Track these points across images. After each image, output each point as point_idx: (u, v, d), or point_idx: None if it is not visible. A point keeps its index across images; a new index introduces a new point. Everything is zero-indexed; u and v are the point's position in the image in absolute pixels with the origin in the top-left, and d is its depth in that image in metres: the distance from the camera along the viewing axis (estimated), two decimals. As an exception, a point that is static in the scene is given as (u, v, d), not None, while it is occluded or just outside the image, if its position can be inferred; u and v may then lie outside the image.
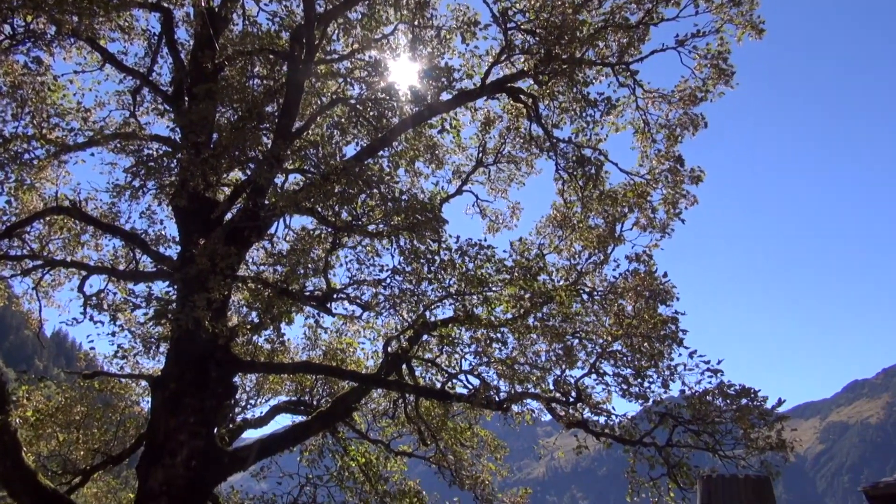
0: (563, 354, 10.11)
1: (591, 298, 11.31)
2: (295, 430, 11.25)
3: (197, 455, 9.54)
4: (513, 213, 13.89)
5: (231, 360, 10.36)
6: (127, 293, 11.20)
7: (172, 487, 9.23)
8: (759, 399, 9.13)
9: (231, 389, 10.54)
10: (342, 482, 13.57)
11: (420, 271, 9.68)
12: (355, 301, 10.15)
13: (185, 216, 10.61)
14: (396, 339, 11.33)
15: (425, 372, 12.69)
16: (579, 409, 10.58)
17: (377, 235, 9.65)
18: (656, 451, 9.91)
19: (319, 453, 13.86)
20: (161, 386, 9.98)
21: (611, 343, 10.05)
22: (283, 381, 14.46)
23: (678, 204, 11.21)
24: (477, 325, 10.47)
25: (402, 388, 11.30)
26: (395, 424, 14.27)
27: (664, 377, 9.77)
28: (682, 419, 9.57)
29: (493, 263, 9.93)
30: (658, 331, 9.68)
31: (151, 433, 9.86)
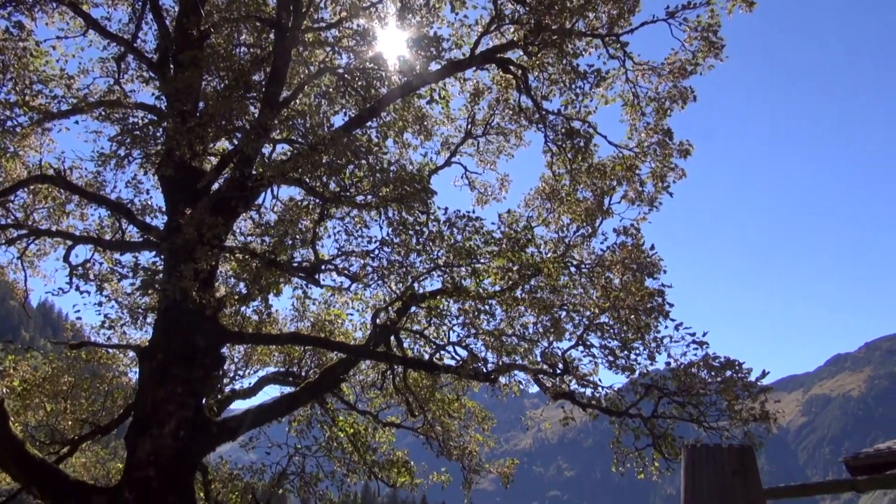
0: (550, 326, 10.17)
1: (578, 271, 11.35)
2: (283, 400, 11.29)
3: (185, 425, 9.56)
4: (501, 186, 13.86)
5: (219, 330, 10.35)
6: (113, 263, 11.13)
7: (161, 457, 9.27)
8: (743, 371, 9.24)
9: (219, 360, 10.54)
10: (330, 452, 13.68)
11: (408, 243, 9.67)
12: (343, 272, 10.14)
13: (171, 186, 10.51)
14: (385, 311, 11.35)
15: (413, 344, 12.75)
16: (566, 381, 10.68)
17: (365, 207, 9.61)
18: (642, 423, 10.04)
19: (308, 424, 13.94)
20: (148, 356, 9.96)
21: (598, 315, 10.11)
22: (271, 353, 14.48)
23: (666, 177, 11.21)
24: (465, 297, 10.50)
25: (391, 359, 11.35)
26: (383, 396, 14.35)
27: (650, 349, 9.87)
28: (668, 391, 9.69)
29: (481, 235, 9.93)
30: (645, 303, 9.74)
31: (139, 403, 9.86)
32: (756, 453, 3.65)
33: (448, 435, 13.58)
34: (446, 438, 13.63)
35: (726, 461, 3.04)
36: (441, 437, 13.62)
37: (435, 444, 13.75)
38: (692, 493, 3.07)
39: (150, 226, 11.06)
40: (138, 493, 8.99)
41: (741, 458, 3.07)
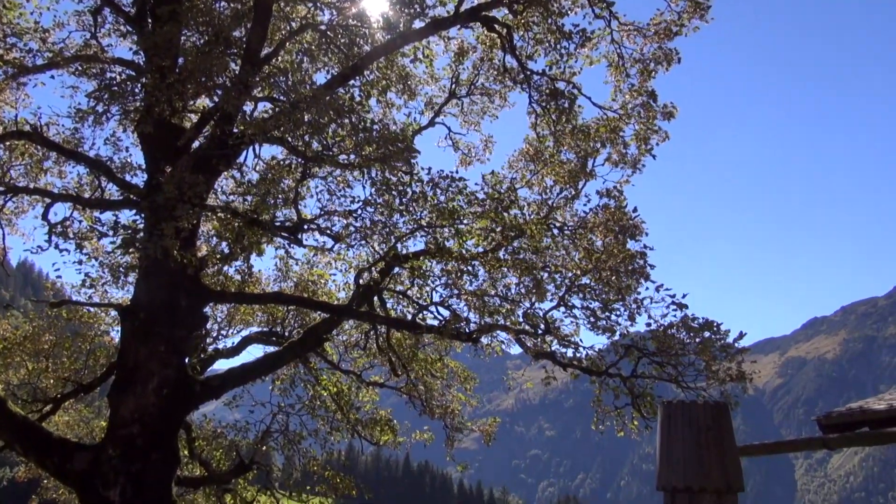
0: (532, 287, 10.23)
1: (561, 233, 11.38)
2: (267, 359, 11.34)
3: (168, 384, 9.59)
4: (485, 147, 13.78)
5: (201, 290, 10.32)
6: (93, 221, 10.97)
7: (144, 415, 9.31)
8: (721, 333, 9.40)
9: (201, 319, 10.54)
10: (314, 411, 13.80)
11: (391, 203, 9.63)
12: (326, 232, 10.10)
13: (151, 143, 10.35)
14: (368, 271, 11.35)
15: (396, 304, 12.80)
16: (548, 342, 10.80)
17: (348, 167, 9.53)
18: (621, 382, 10.21)
19: (291, 383, 14.03)
20: (130, 315, 9.93)
21: (580, 277, 10.19)
22: (254, 312, 14.48)
23: (650, 139, 11.21)
24: (448, 257, 10.51)
25: (374, 319, 11.39)
26: (366, 355, 14.44)
27: (631, 310, 9.98)
28: (647, 351, 9.83)
29: (464, 196, 9.91)
30: (626, 265, 9.83)
31: (122, 362, 9.86)
32: (732, 413, 3.74)
33: (431, 394, 13.74)
34: (429, 398, 13.79)
35: (701, 417, 3.12)
36: (424, 397, 13.77)
37: (418, 404, 13.91)
38: (668, 448, 3.14)
39: (130, 184, 10.92)
40: (122, 450, 9.05)
41: (715, 414, 3.15)
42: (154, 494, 9.01)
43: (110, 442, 9.20)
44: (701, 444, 3.06)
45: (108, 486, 8.87)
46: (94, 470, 9.08)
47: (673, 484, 3.07)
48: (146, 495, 8.92)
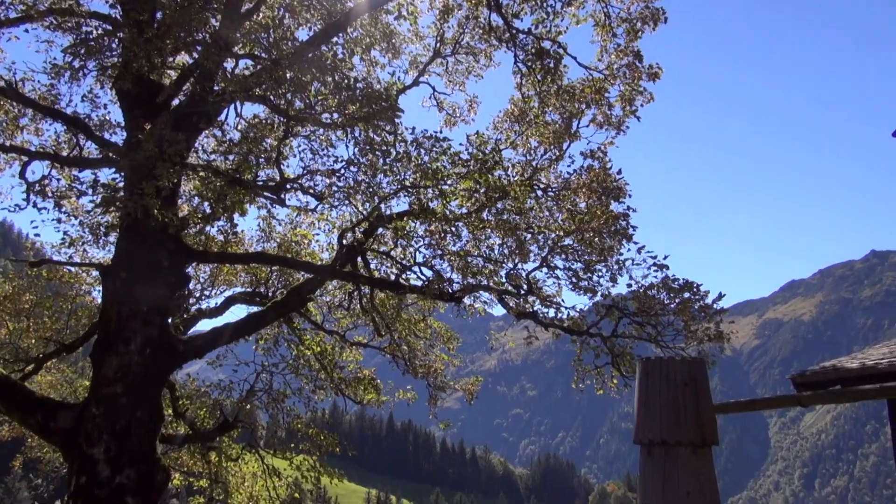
0: (515, 248, 10.29)
1: (545, 194, 11.40)
2: (250, 319, 11.34)
3: (151, 343, 9.59)
4: (470, 107, 13.66)
5: (183, 249, 10.26)
6: (71, 180, 10.82)
7: (128, 374, 9.32)
8: (700, 293, 9.53)
9: (184, 279, 10.50)
10: (298, 370, 13.88)
11: (375, 163, 9.57)
12: (309, 192, 10.04)
13: (129, 100, 10.15)
14: (351, 232, 11.33)
15: (380, 265, 12.81)
16: (530, 302, 10.90)
17: (331, 126, 9.44)
18: (602, 342, 10.36)
19: (275, 342, 14.07)
20: (111, 275, 9.87)
21: (562, 238, 10.24)
22: (237, 273, 14.44)
23: (634, 101, 11.17)
24: (432, 218, 10.51)
25: (357, 279, 11.41)
26: (350, 316, 14.49)
27: (613, 272, 10.08)
28: (628, 311, 9.96)
29: (448, 157, 9.87)
30: (609, 226, 9.88)
31: (103, 322, 9.83)
32: (709, 372, 3.82)
33: (414, 354, 13.85)
34: (412, 357, 13.90)
35: (678, 373, 3.18)
36: (407, 357, 13.88)
37: (401, 363, 14.02)
38: (645, 404, 3.21)
39: (109, 142, 10.73)
40: (106, 408, 9.07)
41: (692, 369, 3.21)
42: (139, 452, 9.07)
43: (94, 400, 9.21)
44: (677, 399, 3.12)
45: (92, 444, 8.91)
46: (77, 428, 9.12)
47: (649, 438, 3.14)
48: (131, 453, 8.98)
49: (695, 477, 3.06)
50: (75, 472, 8.94)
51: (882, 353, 8.18)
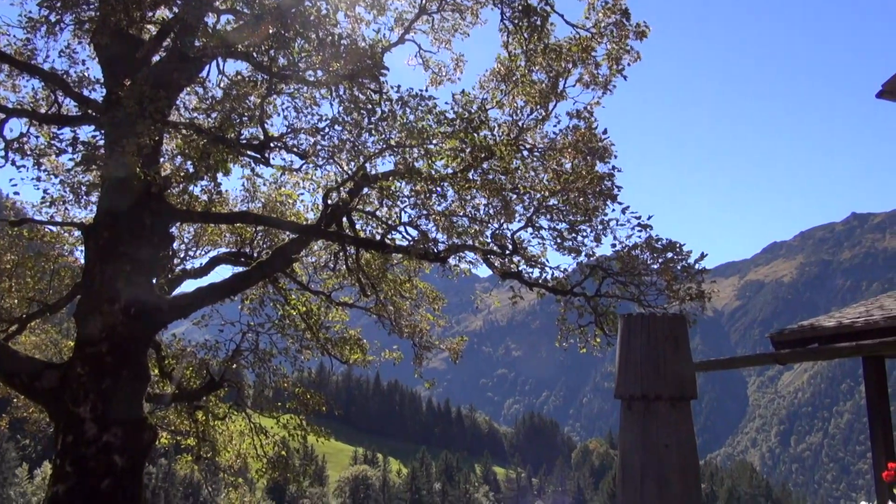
0: (501, 208, 10.29)
1: (531, 154, 11.36)
2: (235, 279, 11.32)
3: (135, 303, 9.56)
4: (456, 66, 13.48)
5: (166, 209, 10.18)
6: (50, 137, 10.64)
7: (112, 334, 9.32)
8: (683, 253, 9.62)
9: (167, 239, 10.44)
10: (283, 330, 13.92)
11: (360, 122, 9.47)
12: (293, 150, 9.95)
13: (108, 55, 9.93)
14: (336, 191, 11.26)
15: (365, 225, 12.78)
16: (515, 262, 10.95)
17: (315, 84, 9.30)
18: (585, 301, 10.46)
19: (260, 302, 14.07)
20: (94, 235, 9.79)
21: (548, 198, 10.25)
22: (221, 233, 14.35)
23: (621, 59, 11.07)
24: (417, 178, 10.46)
25: (342, 239, 11.39)
26: (335, 276, 14.49)
27: (597, 231, 10.13)
28: (611, 271, 10.05)
29: (434, 116, 9.77)
30: (594, 187, 9.89)
31: (87, 282, 9.78)
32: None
33: (400, 314, 13.91)
34: (398, 317, 13.97)
35: (659, 328, 3.23)
36: (393, 317, 13.94)
37: (387, 324, 14.09)
38: (626, 359, 3.27)
39: (89, 99, 10.53)
40: (91, 368, 9.09)
41: (673, 325, 3.26)
42: (125, 410, 9.12)
43: (79, 360, 9.22)
44: (658, 355, 3.17)
45: (78, 403, 8.95)
46: (63, 387, 9.14)
47: (630, 392, 3.19)
48: (117, 411, 9.03)
49: (673, 430, 3.12)
50: (62, 431, 8.99)
51: (858, 312, 8.34)
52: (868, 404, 8.40)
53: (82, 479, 8.64)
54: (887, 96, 7.57)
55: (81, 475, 8.65)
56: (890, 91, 7.53)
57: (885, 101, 7.93)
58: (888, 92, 7.50)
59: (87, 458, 8.72)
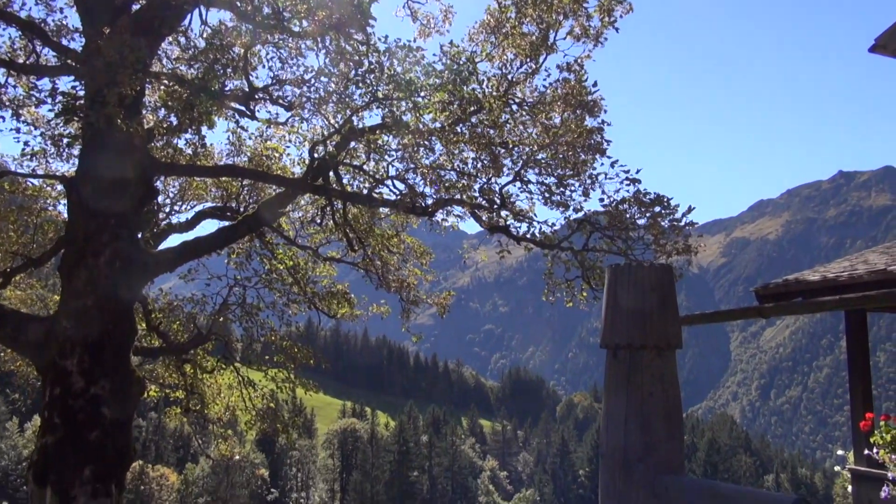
0: (489, 163, 10.21)
1: (520, 108, 11.23)
2: (221, 233, 11.23)
3: (120, 256, 9.48)
4: (445, 18, 13.19)
5: (149, 161, 10.02)
6: (29, 88, 10.38)
7: (98, 287, 9.25)
8: (671, 207, 9.63)
9: (152, 192, 10.30)
10: (271, 284, 13.90)
11: (346, 73, 9.30)
12: (278, 102, 9.77)
13: (87, 3, 9.64)
14: (322, 145, 11.12)
15: (353, 179, 12.68)
16: (503, 217, 10.92)
17: (301, 35, 9.09)
18: (573, 255, 10.49)
19: (247, 257, 14.01)
20: (76, 187, 9.64)
21: (536, 152, 10.18)
22: (207, 187, 14.20)
23: (613, 11, 10.88)
24: (405, 132, 10.34)
25: (329, 192, 11.29)
26: (322, 231, 14.43)
27: (585, 186, 10.09)
28: (599, 225, 10.05)
29: (422, 67, 9.61)
30: (583, 140, 9.82)
31: (71, 236, 9.67)
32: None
33: (387, 269, 13.90)
34: (385, 272, 13.97)
35: (646, 279, 3.23)
36: (380, 271, 13.94)
37: (374, 278, 14.09)
38: (612, 309, 3.27)
39: (67, 48, 10.25)
40: (77, 321, 9.05)
41: (660, 276, 3.26)
42: (112, 364, 9.12)
43: (64, 313, 9.17)
44: (644, 304, 3.18)
45: (64, 356, 8.94)
46: (49, 340, 9.11)
47: (616, 342, 3.21)
48: (104, 365, 9.03)
49: (658, 379, 3.15)
50: (49, 384, 9.00)
51: (843, 267, 8.42)
52: (849, 357, 8.56)
53: (71, 430, 8.68)
54: (880, 51, 7.49)
55: (70, 427, 8.69)
56: (883, 45, 7.45)
57: (877, 56, 7.87)
58: (881, 46, 7.43)
59: (75, 411, 8.75)
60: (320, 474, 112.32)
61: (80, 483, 8.53)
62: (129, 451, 9.31)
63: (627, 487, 3.05)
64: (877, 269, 7.56)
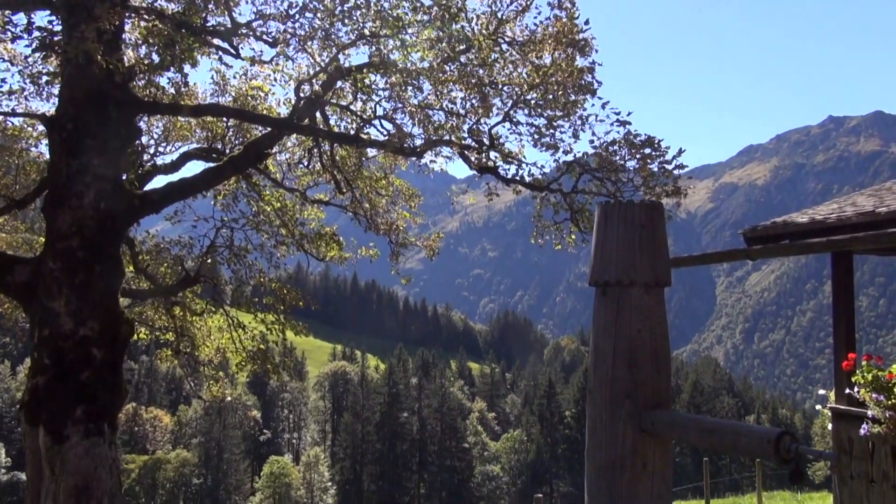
0: (478, 103, 10.04)
1: (510, 47, 10.99)
2: (207, 174, 11.07)
3: (105, 197, 9.34)
4: (434, -48, 12.80)
5: (131, 100, 9.78)
6: (3, 22, 10.03)
7: (83, 228, 9.14)
8: (661, 149, 9.55)
9: (134, 132, 10.09)
10: (258, 226, 13.79)
11: (332, 9, 9.02)
12: (262, 38, 9.50)
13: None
14: (309, 83, 10.88)
15: (340, 120, 12.47)
16: (492, 159, 10.81)
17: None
18: (562, 198, 10.44)
19: (234, 198, 13.86)
20: (57, 127, 9.42)
21: (526, 92, 10.00)
22: (192, 128, 13.93)
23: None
24: (392, 70, 10.12)
25: (316, 132, 11.11)
26: (310, 173, 14.27)
27: (575, 127, 9.97)
28: (589, 167, 9.98)
29: (409, 2, 9.34)
30: (574, 80, 9.65)
31: (53, 176, 9.49)
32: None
33: (376, 211, 13.81)
34: (374, 215, 13.88)
35: (636, 215, 3.19)
36: (369, 214, 13.85)
37: (363, 221, 14.00)
38: (602, 246, 3.25)
39: (42, -20, 9.86)
40: (63, 263, 8.97)
41: (650, 212, 3.22)
42: (100, 305, 9.09)
43: (50, 255, 9.08)
44: (634, 241, 3.15)
45: (52, 298, 8.89)
46: (35, 282, 9.04)
47: (605, 279, 3.19)
48: (92, 306, 9.00)
49: (646, 315, 3.15)
50: (38, 325, 8.97)
51: (831, 209, 8.43)
52: (834, 298, 8.64)
53: (61, 371, 8.71)
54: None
55: (60, 368, 8.71)
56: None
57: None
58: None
59: (64, 352, 8.76)
60: (311, 416, 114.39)
61: (73, 423, 8.60)
62: (121, 392, 9.37)
63: (614, 423, 3.08)
64: (865, 210, 7.57)
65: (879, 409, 6.89)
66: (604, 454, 3.07)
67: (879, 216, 7.28)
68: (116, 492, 9.00)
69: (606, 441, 3.07)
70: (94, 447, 8.71)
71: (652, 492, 3.02)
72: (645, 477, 3.00)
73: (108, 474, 8.84)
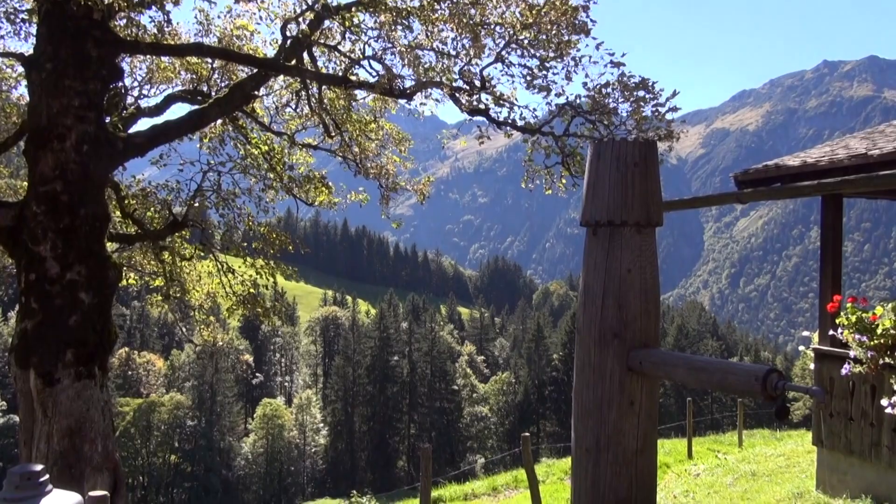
0: (470, 43, 9.82)
1: (502, -15, 10.68)
2: (192, 116, 10.84)
3: (88, 140, 9.15)
4: None
5: (112, 39, 9.48)
6: (-26, -44, 9.64)
7: (66, 171, 8.98)
8: (655, 91, 9.41)
9: (116, 72, 9.81)
10: (246, 170, 13.63)
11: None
12: (246, -27, 9.18)
13: None
14: (295, 22, 10.58)
15: (328, 61, 12.19)
16: (484, 101, 10.63)
17: None
18: (553, 141, 10.32)
19: (221, 141, 13.64)
20: (35, 67, 9.15)
21: (519, 31, 9.77)
22: (176, 70, 13.59)
23: None
24: (382, 9, 9.83)
25: (303, 73, 10.86)
26: (298, 117, 14.04)
27: (568, 69, 9.79)
28: (581, 110, 9.84)
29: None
30: (568, 19, 9.42)
31: (34, 118, 9.25)
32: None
33: (365, 155, 13.64)
34: (363, 159, 13.72)
35: (629, 154, 3.14)
36: (358, 158, 13.69)
37: (352, 165, 13.85)
38: (594, 185, 3.20)
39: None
40: (47, 206, 8.83)
41: (643, 150, 3.17)
42: (87, 249, 9.00)
43: (33, 199, 8.94)
44: (626, 180, 3.11)
45: (37, 242, 8.79)
46: (20, 226, 8.93)
47: (596, 219, 3.16)
48: (78, 250, 8.91)
49: (637, 255, 3.13)
50: (24, 270, 8.90)
51: (823, 152, 8.38)
52: (822, 241, 8.69)
53: (49, 315, 8.68)
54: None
55: (48, 312, 8.68)
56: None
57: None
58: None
59: (52, 296, 8.71)
60: (303, 360, 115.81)
61: (63, 366, 8.62)
62: (111, 336, 9.37)
63: (602, 362, 3.09)
64: (857, 153, 7.53)
65: (861, 350, 7.00)
66: (591, 393, 3.10)
67: (871, 159, 7.25)
68: (109, 433, 9.10)
69: (594, 380, 3.09)
70: (85, 389, 8.76)
71: (638, 430, 3.06)
72: (632, 415, 3.03)
73: (100, 415, 8.91)
